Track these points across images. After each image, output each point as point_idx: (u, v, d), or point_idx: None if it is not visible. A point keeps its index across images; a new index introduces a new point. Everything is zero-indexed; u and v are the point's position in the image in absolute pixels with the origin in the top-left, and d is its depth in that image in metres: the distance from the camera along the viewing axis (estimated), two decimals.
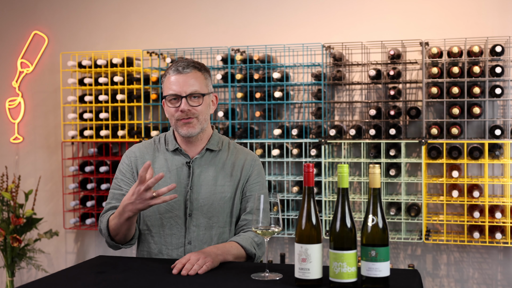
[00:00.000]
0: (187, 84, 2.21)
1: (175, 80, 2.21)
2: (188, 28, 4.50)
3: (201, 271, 1.96)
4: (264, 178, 2.37)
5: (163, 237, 2.27)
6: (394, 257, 4.12)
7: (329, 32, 4.20)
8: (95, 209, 4.49)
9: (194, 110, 2.22)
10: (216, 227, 2.27)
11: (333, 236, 1.74)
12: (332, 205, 4.08)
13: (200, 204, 2.26)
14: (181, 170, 2.29)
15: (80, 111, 4.63)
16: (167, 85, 2.23)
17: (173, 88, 2.21)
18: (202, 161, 2.30)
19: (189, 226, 2.25)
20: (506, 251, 3.98)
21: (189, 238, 2.25)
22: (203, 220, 2.26)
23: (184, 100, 2.20)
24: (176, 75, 2.22)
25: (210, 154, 2.32)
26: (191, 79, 2.22)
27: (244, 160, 2.33)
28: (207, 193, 2.26)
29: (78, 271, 2.06)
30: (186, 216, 2.26)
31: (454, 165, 3.94)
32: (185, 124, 2.22)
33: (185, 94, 2.20)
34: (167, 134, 2.37)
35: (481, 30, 3.93)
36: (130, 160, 2.32)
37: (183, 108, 2.20)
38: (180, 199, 2.26)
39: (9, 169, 4.82)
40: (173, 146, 2.31)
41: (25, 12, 4.84)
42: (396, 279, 1.81)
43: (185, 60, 2.25)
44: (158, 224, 2.27)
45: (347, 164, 1.96)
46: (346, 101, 4.10)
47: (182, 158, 2.30)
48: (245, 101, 4.21)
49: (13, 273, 4.42)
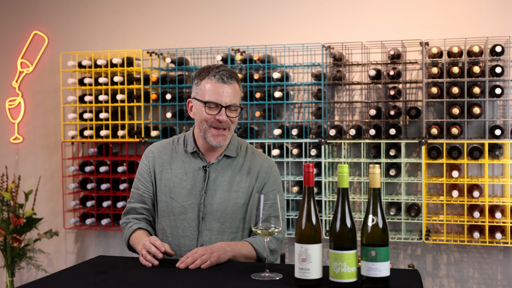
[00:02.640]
0: (228, 95, 2.24)
1: (219, 89, 2.23)
2: (188, 28, 4.50)
3: (204, 266, 1.99)
4: (281, 186, 2.38)
5: (177, 238, 2.30)
6: (394, 257, 4.12)
7: (329, 32, 4.20)
8: (95, 209, 4.49)
9: (230, 121, 2.26)
10: (228, 232, 2.29)
11: (333, 236, 1.74)
12: (332, 205, 4.08)
13: (213, 209, 2.28)
14: (197, 173, 2.32)
15: (80, 111, 4.63)
16: (207, 91, 2.24)
17: (214, 96, 2.23)
18: (218, 166, 2.32)
19: (202, 230, 2.28)
20: (506, 251, 3.98)
21: (202, 241, 2.28)
22: (215, 225, 2.28)
23: (224, 110, 2.23)
24: (221, 83, 2.24)
25: (227, 159, 2.34)
26: (232, 91, 2.25)
27: (261, 166, 2.35)
28: (221, 198, 2.29)
29: (78, 271, 2.06)
30: (199, 220, 2.29)
31: (454, 165, 3.94)
32: (218, 135, 2.26)
33: (226, 105, 2.23)
34: (186, 135, 2.39)
35: (481, 30, 3.93)
36: (148, 160, 2.38)
37: (222, 119, 2.23)
38: (194, 202, 2.29)
39: (9, 169, 4.82)
40: (192, 148, 2.34)
41: (25, 12, 4.84)
42: (396, 279, 1.81)
43: (227, 69, 2.27)
44: (172, 225, 2.31)
45: (347, 164, 1.96)
46: (346, 101, 4.10)
47: (199, 162, 2.33)
48: (245, 101, 4.21)
49: (13, 273, 4.42)
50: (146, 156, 2.38)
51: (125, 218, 2.38)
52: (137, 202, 2.37)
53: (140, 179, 2.37)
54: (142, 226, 2.32)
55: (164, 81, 4.37)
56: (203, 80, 2.26)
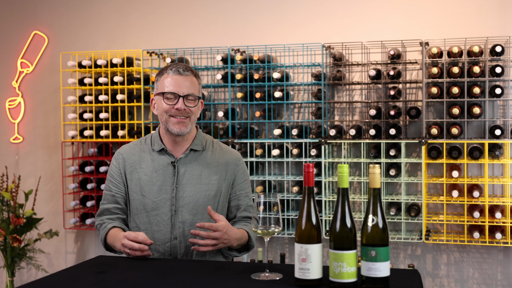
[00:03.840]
0: (185, 85, 2.36)
1: (175, 80, 2.36)
2: (188, 28, 4.50)
3: (205, 249, 2.22)
4: (248, 174, 2.54)
5: (151, 233, 2.38)
6: (394, 257, 4.12)
7: (329, 32, 4.20)
8: (95, 209, 4.49)
9: (189, 110, 2.35)
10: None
11: (333, 236, 1.74)
12: (332, 205, 4.08)
13: (185, 202, 2.37)
14: (166, 169, 2.40)
15: (80, 111, 4.63)
16: (164, 83, 2.37)
17: (171, 87, 2.35)
18: (186, 160, 2.42)
19: (174, 223, 2.37)
20: (506, 251, 3.98)
21: (175, 233, 2.36)
22: (188, 217, 2.37)
23: (181, 99, 2.34)
24: (176, 75, 2.36)
25: (195, 153, 2.44)
26: (189, 82, 2.37)
27: (229, 159, 2.46)
28: (192, 191, 2.38)
29: (78, 271, 2.06)
30: (172, 213, 2.37)
31: (454, 165, 3.94)
32: (178, 122, 2.35)
33: (183, 94, 2.35)
34: (153, 135, 2.48)
35: (481, 30, 3.93)
36: (118, 162, 2.47)
37: (180, 107, 2.34)
38: (166, 197, 2.38)
39: (9, 169, 4.82)
40: (159, 146, 2.43)
41: (25, 12, 4.84)
42: (396, 279, 1.81)
43: (182, 64, 2.40)
44: (146, 221, 2.39)
45: (347, 164, 1.96)
46: (346, 101, 4.10)
47: (167, 158, 2.42)
48: (245, 101, 4.21)
49: (13, 273, 4.42)
50: (116, 159, 2.48)
51: (99, 219, 2.46)
52: (110, 202, 2.45)
53: (111, 180, 2.46)
54: (116, 225, 2.40)
55: None
56: (162, 76, 2.39)
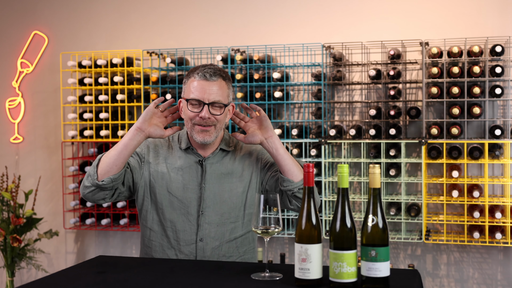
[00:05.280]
0: (211, 92, 2.22)
1: (200, 86, 2.23)
2: (188, 28, 4.50)
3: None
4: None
5: (175, 232, 2.30)
6: (394, 257, 4.12)
7: (329, 32, 4.20)
8: (95, 209, 4.49)
9: (214, 119, 2.24)
10: (228, 223, 2.31)
11: (333, 236, 1.74)
12: (332, 205, 4.08)
13: (212, 202, 2.29)
14: (193, 168, 2.32)
15: (80, 111, 4.63)
16: (190, 88, 2.24)
17: (197, 93, 2.22)
18: (214, 160, 2.33)
19: (201, 224, 2.29)
20: (506, 251, 3.98)
21: (201, 235, 2.28)
22: (215, 218, 2.29)
23: (206, 107, 2.21)
24: (203, 80, 2.23)
25: (223, 153, 2.36)
26: (216, 88, 2.23)
27: (252, 150, 2.38)
28: (220, 191, 2.30)
29: (78, 271, 2.06)
30: (199, 214, 2.29)
31: (454, 165, 3.94)
32: (202, 131, 2.24)
33: (208, 102, 2.22)
34: (181, 133, 2.40)
35: (481, 30, 3.93)
36: (147, 145, 2.36)
37: (204, 116, 2.21)
38: (192, 196, 2.30)
39: (9, 169, 4.82)
40: (186, 144, 2.34)
41: (25, 12, 4.84)
42: (396, 279, 1.81)
43: (212, 67, 2.27)
44: (171, 219, 2.30)
45: (347, 164, 1.96)
46: (346, 101, 4.10)
47: (194, 157, 2.34)
48: (245, 101, 4.21)
49: (13, 273, 4.42)
50: (146, 141, 2.36)
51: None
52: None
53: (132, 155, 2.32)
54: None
55: (164, 81, 4.37)
56: (189, 79, 2.27)
